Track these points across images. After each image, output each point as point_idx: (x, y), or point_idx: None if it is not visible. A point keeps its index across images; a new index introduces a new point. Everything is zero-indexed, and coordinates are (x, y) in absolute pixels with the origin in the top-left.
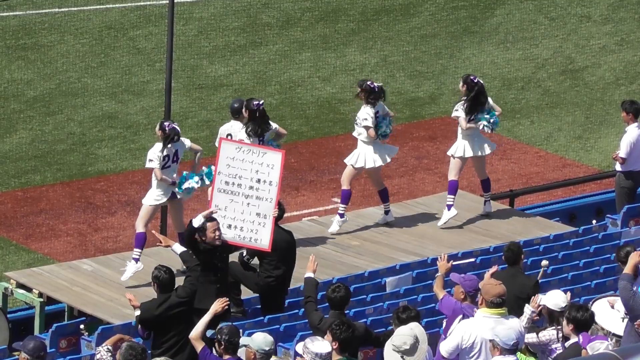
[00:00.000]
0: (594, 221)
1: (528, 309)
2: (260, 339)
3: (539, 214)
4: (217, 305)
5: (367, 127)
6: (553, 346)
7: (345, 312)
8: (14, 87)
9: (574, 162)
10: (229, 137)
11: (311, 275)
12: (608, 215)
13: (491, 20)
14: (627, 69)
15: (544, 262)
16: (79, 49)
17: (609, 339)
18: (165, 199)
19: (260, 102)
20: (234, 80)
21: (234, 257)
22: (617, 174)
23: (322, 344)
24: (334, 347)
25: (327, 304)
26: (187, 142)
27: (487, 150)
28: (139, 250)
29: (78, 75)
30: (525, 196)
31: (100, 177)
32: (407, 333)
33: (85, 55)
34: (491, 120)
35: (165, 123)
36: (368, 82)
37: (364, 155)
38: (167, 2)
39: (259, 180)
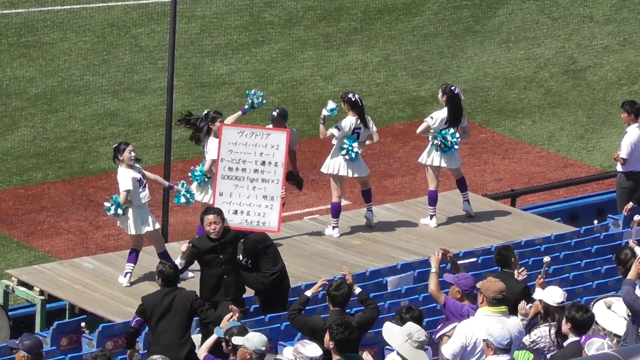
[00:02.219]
0: (595, 221)
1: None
2: (256, 340)
3: (540, 214)
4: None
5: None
6: (544, 344)
7: (347, 310)
8: (16, 85)
9: (575, 162)
10: None
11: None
12: (610, 216)
13: (493, 20)
14: (629, 69)
15: (546, 259)
16: (81, 46)
17: (605, 337)
18: (144, 229)
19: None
20: (236, 79)
21: None
22: (618, 175)
23: (314, 348)
24: (331, 346)
25: (325, 304)
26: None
27: (454, 165)
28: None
29: (80, 72)
30: (526, 196)
31: (102, 175)
32: (419, 327)
33: (88, 52)
34: (450, 140)
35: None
36: (349, 95)
37: (333, 163)
38: (170, 0)
39: (263, 163)
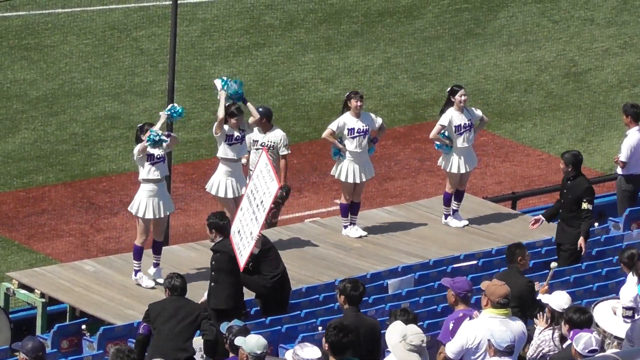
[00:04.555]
0: (596, 224)
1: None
2: (252, 342)
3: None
4: None
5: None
6: (548, 348)
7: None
8: (17, 87)
9: None
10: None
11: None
12: (610, 218)
13: (494, 23)
14: (630, 71)
15: (553, 265)
16: (82, 49)
17: (593, 331)
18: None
19: None
20: None
21: None
22: (618, 178)
23: (312, 350)
24: (326, 348)
25: (333, 304)
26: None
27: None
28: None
29: (81, 75)
30: (527, 198)
31: (103, 178)
32: (419, 331)
33: (89, 55)
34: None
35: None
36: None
37: (350, 169)
38: (171, 3)
39: (261, 202)
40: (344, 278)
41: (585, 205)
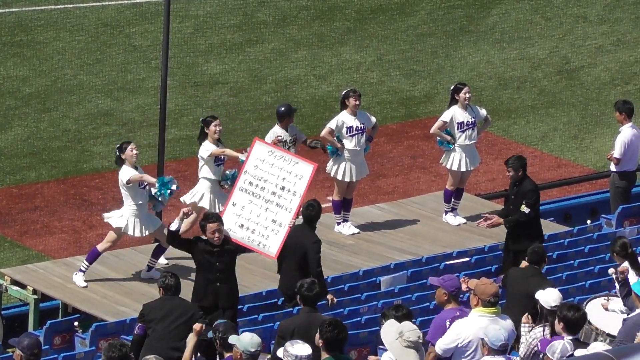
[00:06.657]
0: (588, 221)
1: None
2: (246, 340)
3: None
4: (195, 332)
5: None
6: (535, 345)
7: (340, 310)
8: (10, 84)
9: (569, 162)
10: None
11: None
12: (603, 216)
13: (487, 20)
14: (622, 69)
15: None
16: (75, 45)
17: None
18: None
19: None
20: (229, 78)
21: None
22: (612, 174)
23: (302, 347)
24: (320, 344)
25: (324, 301)
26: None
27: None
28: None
29: (74, 72)
30: None
31: (95, 175)
32: (415, 327)
33: (81, 52)
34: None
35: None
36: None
37: (347, 168)
38: None
39: (283, 188)
40: (334, 275)
41: (523, 207)
